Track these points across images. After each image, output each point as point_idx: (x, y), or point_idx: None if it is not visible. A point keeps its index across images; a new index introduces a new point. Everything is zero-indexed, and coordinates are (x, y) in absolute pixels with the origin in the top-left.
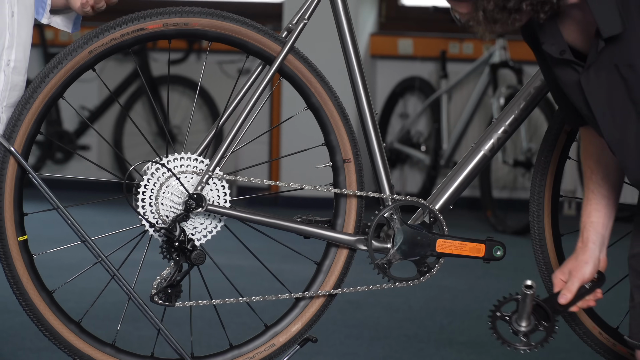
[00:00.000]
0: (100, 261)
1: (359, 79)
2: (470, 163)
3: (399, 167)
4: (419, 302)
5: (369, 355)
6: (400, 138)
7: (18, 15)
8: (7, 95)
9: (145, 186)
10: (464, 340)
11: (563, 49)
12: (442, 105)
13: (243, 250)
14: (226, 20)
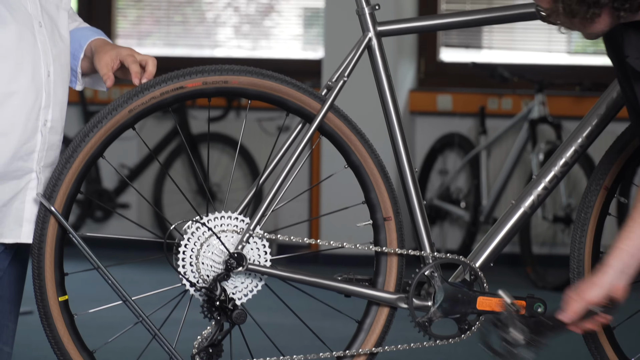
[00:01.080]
0: (141, 321)
1: (399, 135)
2: (510, 220)
3: (439, 223)
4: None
5: None
6: (440, 194)
7: (54, 75)
8: (45, 155)
9: (186, 245)
10: None
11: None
12: (481, 161)
13: (283, 308)
14: (265, 78)
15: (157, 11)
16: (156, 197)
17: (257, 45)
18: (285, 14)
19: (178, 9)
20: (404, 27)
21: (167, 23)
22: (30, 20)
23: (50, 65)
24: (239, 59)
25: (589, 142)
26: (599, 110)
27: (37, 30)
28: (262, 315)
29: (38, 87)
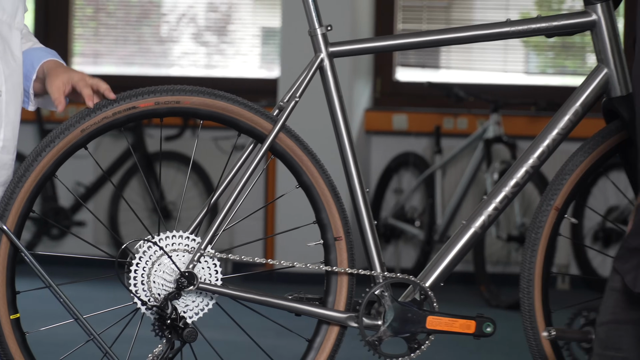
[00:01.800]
0: (93, 339)
1: (350, 156)
2: (461, 240)
3: (394, 242)
4: None
5: None
6: (395, 213)
7: (6, 94)
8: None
9: (137, 264)
10: None
11: None
12: (436, 180)
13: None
14: (217, 98)
15: (113, 30)
16: (112, 215)
17: (213, 64)
18: (242, 33)
19: (134, 28)
20: (357, 47)
21: (124, 42)
22: None
23: (2, 85)
24: (195, 78)
25: (541, 163)
26: (550, 131)
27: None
28: (216, 333)
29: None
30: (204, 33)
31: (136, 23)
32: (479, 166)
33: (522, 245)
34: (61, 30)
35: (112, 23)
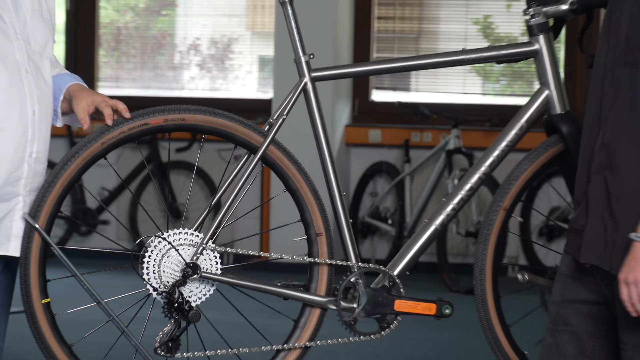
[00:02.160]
0: (112, 319)
1: (329, 165)
2: (423, 236)
3: (370, 237)
4: (385, 351)
5: None
6: (370, 213)
7: (39, 113)
8: (31, 181)
9: (150, 256)
10: None
11: None
12: (406, 185)
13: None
14: (217, 116)
15: (132, 58)
16: (132, 215)
17: (216, 87)
18: (241, 61)
19: (150, 57)
20: (336, 72)
21: (142, 69)
22: (18, 67)
23: (36, 105)
24: (201, 99)
25: (492, 170)
26: (500, 143)
27: (24, 76)
28: (216, 314)
29: (25, 124)
30: (209, 61)
31: (152, 53)
32: (442, 173)
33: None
34: (88, 58)
35: (132, 53)
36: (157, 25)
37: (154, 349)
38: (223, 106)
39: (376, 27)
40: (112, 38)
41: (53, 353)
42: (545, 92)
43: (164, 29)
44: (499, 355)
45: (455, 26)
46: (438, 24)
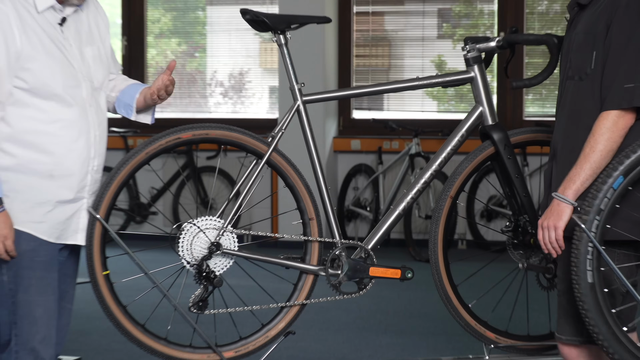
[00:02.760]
0: (156, 286)
1: (317, 167)
2: (389, 218)
3: (353, 221)
4: (365, 306)
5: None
6: (353, 203)
7: (98, 136)
8: (92, 187)
9: (183, 238)
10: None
11: None
12: (379, 181)
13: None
14: (232, 131)
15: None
16: (174, 207)
17: (236, 110)
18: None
19: (186, 88)
20: (322, 97)
21: (180, 96)
22: (84, 102)
23: (96, 130)
24: (224, 119)
25: (441, 168)
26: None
27: (88, 109)
28: (235, 280)
29: (89, 145)
30: (230, 90)
31: (187, 85)
32: (406, 172)
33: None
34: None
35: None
36: (191, 64)
37: (188, 308)
38: (241, 124)
39: (355, 63)
40: (157, 75)
41: (112, 312)
42: (480, 108)
43: (196, 67)
44: (449, 307)
45: (415, 61)
46: (403, 59)
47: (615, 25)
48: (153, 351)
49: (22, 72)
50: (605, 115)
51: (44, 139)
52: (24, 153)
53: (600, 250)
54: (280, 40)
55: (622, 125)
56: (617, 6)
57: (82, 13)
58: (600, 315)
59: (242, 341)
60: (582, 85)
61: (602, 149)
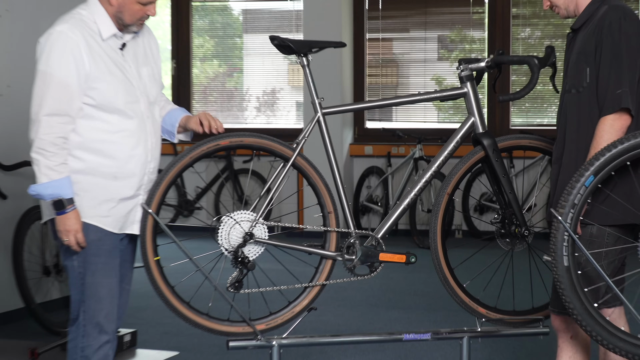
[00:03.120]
0: (199, 269)
1: (335, 168)
2: (396, 212)
3: (367, 214)
4: (376, 285)
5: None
6: (367, 199)
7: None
8: (148, 186)
9: (222, 229)
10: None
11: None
12: (389, 181)
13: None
14: (263, 138)
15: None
16: (216, 203)
17: (269, 121)
18: (284, 104)
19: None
20: (338, 109)
21: (221, 110)
22: (142, 115)
23: (152, 138)
24: (259, 128)
25: (439, 169)
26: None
27: (146, 120)
28: (266, 265)
29: (146, 151)
30: (264, 105)
31: (227, 100)
32: (411, 173)
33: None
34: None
35: (213, 100)
36: (229, 83)
37: (226, 288)
38: (271, 133)
39: (368, 81)
40: (201, 92)
41: (162, 292)
42: (472, 118)
43: (234, 85)
44: (447, 287)
45: (418, 79)
46: (408, 78)
47: (602, 44)
48: (197, 324)
49: (90, 91)
50: (603, 120)
51: (109, 146)
52: (92, 158)
53: (574, 239)
54: (303, 62)
55: (619, 126)
56: (602, 27)
57: (139, 39)
58: (574, 293)
59: (272, 316)
60: (580, 97)
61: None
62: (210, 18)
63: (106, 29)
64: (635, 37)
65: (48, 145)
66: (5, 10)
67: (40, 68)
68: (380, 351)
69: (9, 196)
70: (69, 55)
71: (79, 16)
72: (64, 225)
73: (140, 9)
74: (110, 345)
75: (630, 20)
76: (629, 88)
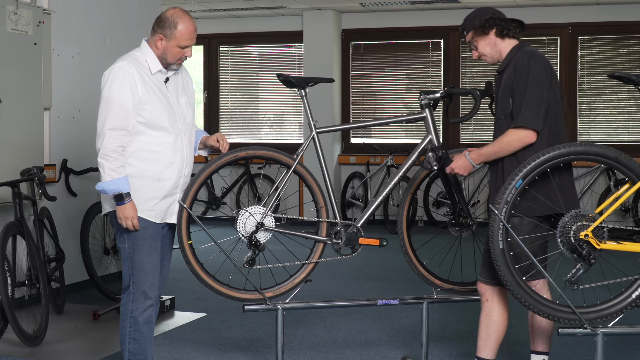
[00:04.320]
0: (222, 251)
1: (326, 174)
2: (372, 206)
3: (351, 209)
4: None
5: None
6: (351, 197)
7: (190, 154)
8: (183, 186)
9: (240, 219)
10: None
11: None
12: (368, 183)
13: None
14: (271, 151)
15: (237, 122)
16: (237, 199)
17: (278, 137)
18: (290, 124)
19: (246, 122)
20: (329, 129)
21: (242, 128)
22: (180, 132)
23: (187, 150)
24: (271, 142)
25: (405, 174)
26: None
27: (182, 136)
28: (273, 246)
29: (182, 160)
30: (275, 125)
31: (247, 121)
32: (384, 177)
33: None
34: (214, 125)
35: (236, 121)
36: (249, 107)
37: (242, 264)
38: (280, 147)
39: (352, 107)
40: (227, 116)
41: (194, 268)
42: (429, 136)
43: (252, 110)
44: (410, 264)
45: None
46: (383, 105)
47: (516, 80)
48: (220, 292)
49: (142, 111)
50: (510, 130)
51: (154, 155)
52: (141, 165)
53: (507, 227)
54: (302, 93)
55: (517, 136)
56: (514, 69)
57: (178, 75)
58: (507, 269)
59: (277, 286)
60: (506, 122)
61: (505, 147)
62: (234, 59)
63: (154, 66)
64: (541, 73)
65: (110, 152)
66: (77, 53)
67: (104, 94)
68: (360, 312)
69: (78, 194)
70: (126, 84)
71: (134, 56)
72: (124, 213)
73: (180, 51)
74: (153, 308)
75: (538, 60)
76: (533, 112)
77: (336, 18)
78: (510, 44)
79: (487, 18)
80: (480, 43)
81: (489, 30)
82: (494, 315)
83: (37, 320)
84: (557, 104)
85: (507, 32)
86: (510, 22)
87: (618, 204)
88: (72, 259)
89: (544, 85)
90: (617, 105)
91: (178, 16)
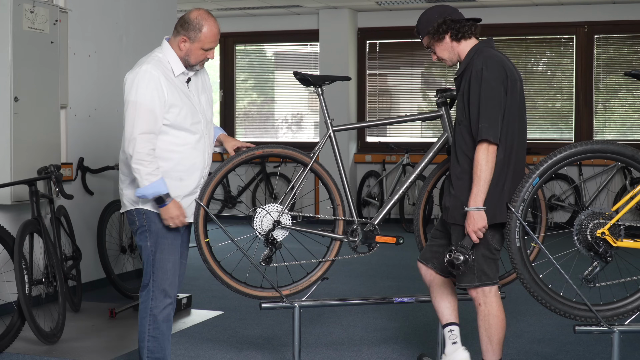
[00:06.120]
0: (239, 249)
1: (342, 172)
2: (388, 205)
3: (367, 207)
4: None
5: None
6: (367, 195)
7: (210, 155)
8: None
9: (257, 217)
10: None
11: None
12: (384, 182)
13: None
14: (287, 149)
15: (253, 123)
16: (253, 198)
17: (295, 137)
18: (306, 124)
19: (263, 123)
20: (345, 127)
21: (258, 129)
22: (202, 132)
23: (209, 149)
24: (288, 142)
25: (421, 173)
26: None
27: (204, 136)
28: (290, 244)
29: (204, 160)
30: (292, 124)
31: (263, 120)
32: (400, 175)
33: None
34: (230, 125)
35: (252, 121)
36: (264, 109)
37: (259, 262)
38: (296, 145)
39: (368, 106)
40: (243, 115)
41: (211, 265)
42: (446, 134)
43: (267, 110)
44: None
45: (407, 105)
46: (399, 104)
47: (470, 88)
48: (236, 290)
49: (167, 114)
50: (479, 145)
51: (177, 155)
52: (165, 164)
53: (524, 225)
54: (319, 92)
55: (492, 149)
56: (469, 76)
57: (199, 74)
58: (525, 267)
59: (294, 284)
60: (462, 127)
61: (485, 168)
62: (250, 58)
63: (177, 68)
64: (493, 81)
65: (145, 156)
66: (93, 52)
67: (131, 98)
68: (377, 311)
69: (95, 193)
70: (152, 88)
71: (157, 58)
72: (168, 214)
73: (203, 53)
74: (171, 306)
75: (491, 68)
76: (492, 124)
77: (352, 17)
78: (468, 45)
79: (440, 22)
80: (438, 48)
81: (444, 35)
82: (491, 318)
83: (54, 318)
84: (513, 109)
85: (462, 34)
86: (464, 23)
87: (634, 202)
88: (88, 257)
89: (498, 92)
90: (633, 103)
91: (203, 18)
